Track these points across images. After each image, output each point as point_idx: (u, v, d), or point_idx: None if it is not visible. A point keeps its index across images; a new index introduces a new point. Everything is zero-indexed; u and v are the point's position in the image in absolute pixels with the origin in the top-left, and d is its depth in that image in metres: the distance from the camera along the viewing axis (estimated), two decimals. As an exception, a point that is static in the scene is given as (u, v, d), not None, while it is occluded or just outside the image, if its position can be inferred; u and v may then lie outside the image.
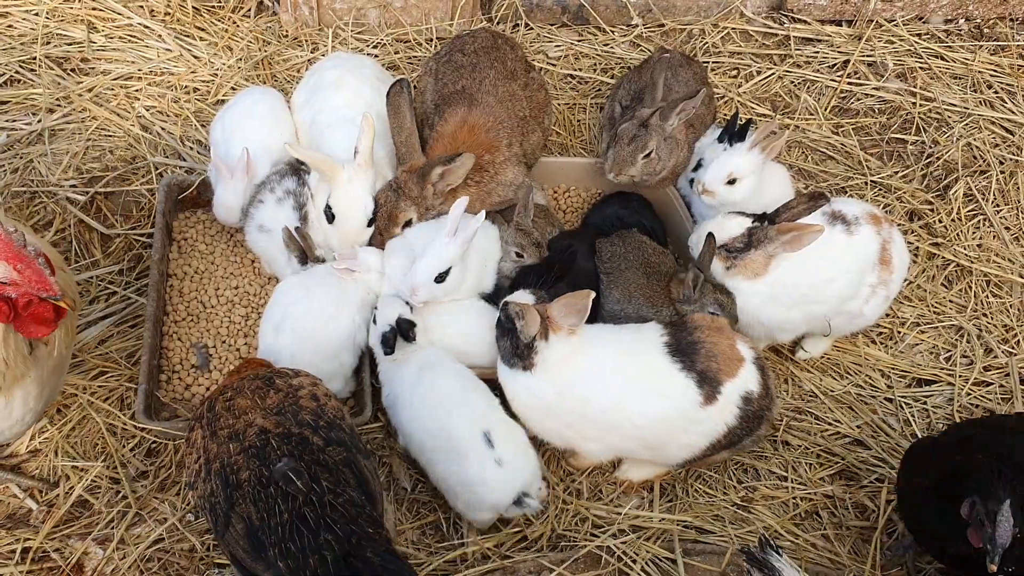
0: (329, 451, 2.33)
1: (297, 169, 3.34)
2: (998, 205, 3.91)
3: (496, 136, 3.29)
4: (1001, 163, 4.03)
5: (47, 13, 3.96)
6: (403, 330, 2.92)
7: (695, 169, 3.52)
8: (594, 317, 2.96)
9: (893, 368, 3.44)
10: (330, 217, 3.15)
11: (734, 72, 4.25)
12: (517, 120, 3.36)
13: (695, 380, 2.71)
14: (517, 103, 3.39)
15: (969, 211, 3.89)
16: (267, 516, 2.19)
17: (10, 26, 3.95)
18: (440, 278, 2.94)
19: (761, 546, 2.25)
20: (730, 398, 2.73)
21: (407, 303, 2.99)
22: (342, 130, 3.26)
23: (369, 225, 3.18)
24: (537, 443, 2.91)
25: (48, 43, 3.91)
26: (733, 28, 4.38)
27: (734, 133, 3.37)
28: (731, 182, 3.25)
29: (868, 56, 4.34)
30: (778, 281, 3.04)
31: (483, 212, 2.98)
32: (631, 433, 2.78)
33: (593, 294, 2.76)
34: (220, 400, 2.42)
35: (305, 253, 3.13)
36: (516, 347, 2.77)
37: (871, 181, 3.93)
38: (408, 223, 3.17)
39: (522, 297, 2.89)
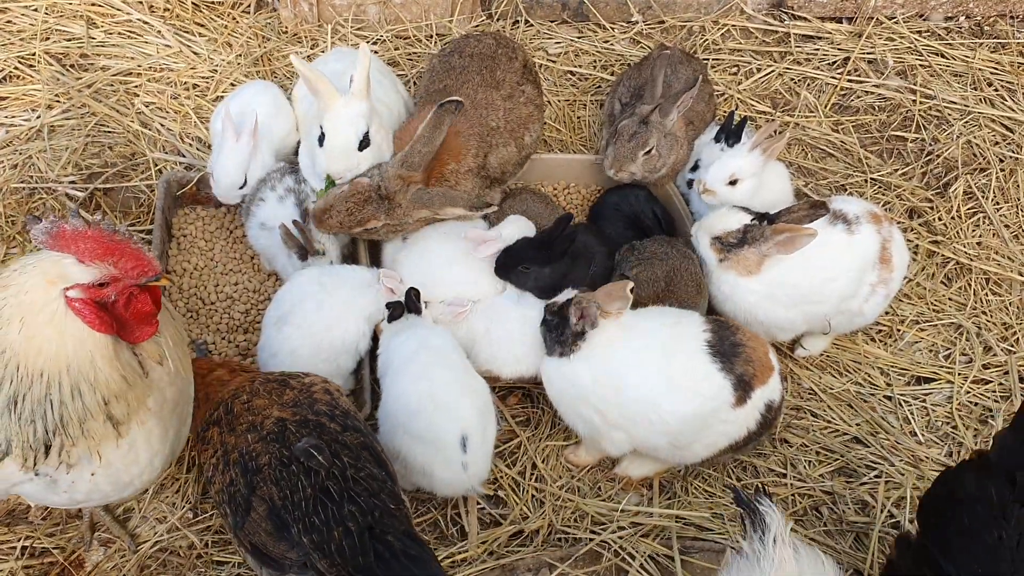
0: (347, 435, 2.36)
1: (297, 167, 3.34)
2: (998, 203, 3.91)
3: (465, 143, 3.20)
4: (1001, 161, 4.03)
5: (46, 9, 3.95)
6: (410, 301, 2.97)
7: (693, 169, 3.53)
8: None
9: (892, 366, 3.44)
10: (321, 139, 3.08)
11: (734, 69, 4.25)
12: (487, 129, 3.26)
13: (732, 382, 2.72)
14: (492, 112, 3.29)
15: (969, 209, 3.89)
16: (290, 493, 2.21)
17: (9, 21, 3.94)
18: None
19: (757, 492, 2.25)
20: (757, 404, 2.76)
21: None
22: None
23: (361, 149, 3.08)
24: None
25: (47, 39, 3.90)
26: (733, 25, 4.38)
27: (730, 132, 3.38)
28: (732, 183, 3.26)
29: (868, 53, 4.34)
30: (777, 280, 3.04)
31: None
32: (659, 428, 2.78)
33: (631, 285, 2.81)
34: (237, 402, 2.45)
35: (305, 249, 3.13)
36: (562, 337, 2.84)
37: (871, 179, 3.93)
38: (370, 229, 3.10)
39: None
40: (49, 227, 1.94)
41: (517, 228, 3.19)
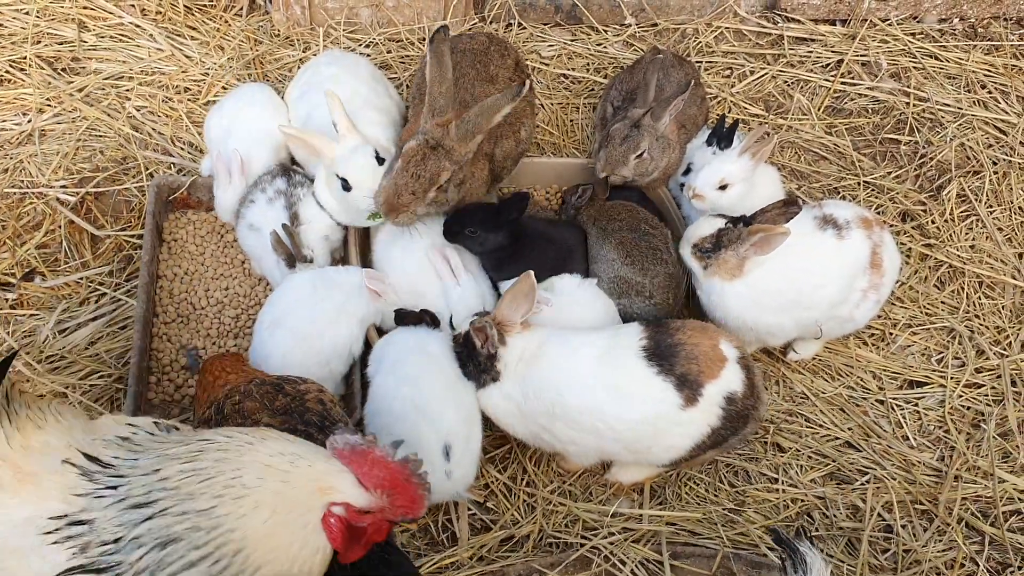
0: None
1: (288, 169, 3.35)
2: (991, 206, 3.91)
3: None
4: (994, 164, 4.02)
5: (38, 12, 3.94)
6: (425, 322, 2.96)
7: (685, 173, 3.52)
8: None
9: (884, 370, 3.44)
10: (347, 186, 3.09)
11: (727, 72, 4.24)
12: None
13: (674, 384, 2.68)
14: None
15: (962, 212, 3.88)
16: None
17: (0, 25, 3.93)
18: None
19: (797, 534, 2.23)
20: (712, 400, 2.71)
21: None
22: None
23: (380, 164, 3.10)
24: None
25: (39, 42, 3.89)
26: (727, 27, 4.37)
27: (722, 135, 3.37)
28: (722, 188, 3.25)
29: (862, 56, 4.33)
30: (764, 286, 3.03)
31: None
32: (609, 436, 2.76)
33: (532, 274, 2.75)
34: (228, 404, 2.43)
35: (292, 256, 3.13)
36: (480, 365, 2.81)
37: (864, 182, 3.93)
38: (443, 186, 3.03)
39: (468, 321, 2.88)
40: (355, 443, 1.84)
41: (470, 290, 3.15)
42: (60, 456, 1.82)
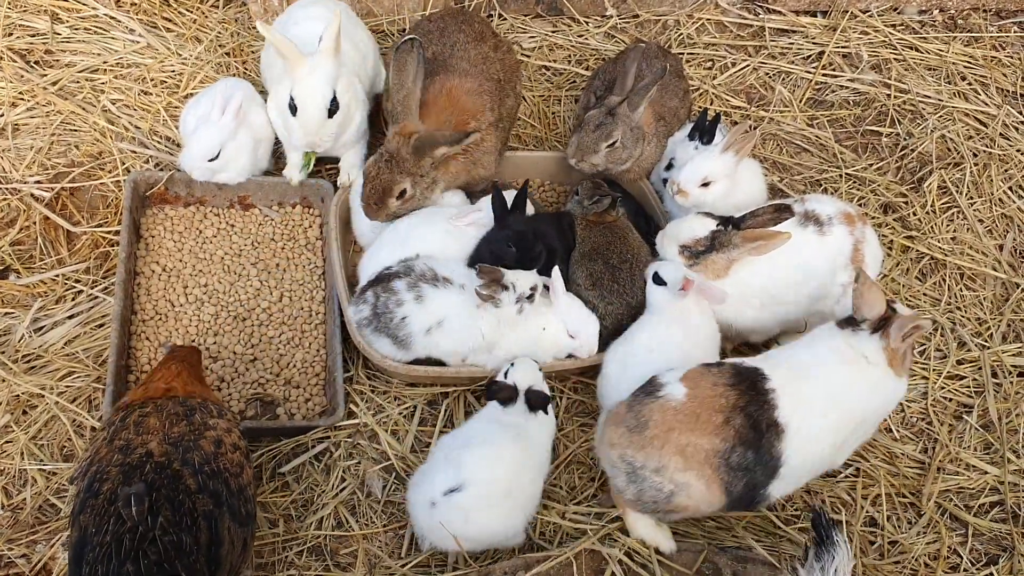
0: (197, 497, 2.28)
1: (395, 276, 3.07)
2: (972, 198, 3.92)
3: (479, 101, 3.25)
4: (975, 155, 4.03)
5: (9, 3, 3.86)
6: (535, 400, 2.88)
7: (667, 167, 3.50)
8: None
9: (868, 362, 3.44)
10: (293, 109, 3.15)
11: (709, 64, 4.23)
12: (494, 83, 3.33)
13: None
14: (491, 65, 3.36)
15: (943, 204, 3.89)
16: (95, 531, 2.19)
17: (-29, 17, 3.85)
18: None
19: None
20: None
21: None
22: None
23: (330, 117, 3.16)
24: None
25: (10, 35, 3.81)
26: (708, 19, 4.35)
27: (704, 130, 3.35)
28: (705, 184, 3.23)
29: (843, 47, 4.33)
30: (746, 283, 3.02)
31: None
32: None
33: None
34: (136, 413, 2.42)
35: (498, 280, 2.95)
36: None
37: (846, 174, 3.93)
38: (402, 193, 3.13)
39: None
40: None
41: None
42: None
